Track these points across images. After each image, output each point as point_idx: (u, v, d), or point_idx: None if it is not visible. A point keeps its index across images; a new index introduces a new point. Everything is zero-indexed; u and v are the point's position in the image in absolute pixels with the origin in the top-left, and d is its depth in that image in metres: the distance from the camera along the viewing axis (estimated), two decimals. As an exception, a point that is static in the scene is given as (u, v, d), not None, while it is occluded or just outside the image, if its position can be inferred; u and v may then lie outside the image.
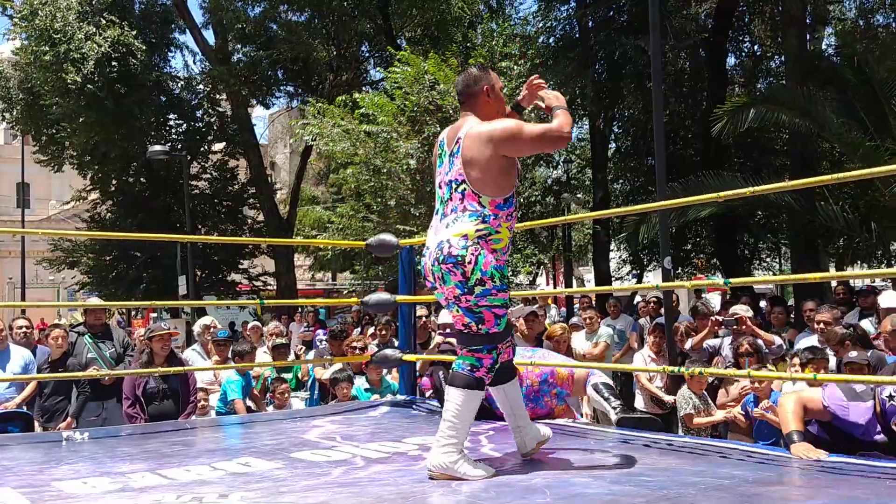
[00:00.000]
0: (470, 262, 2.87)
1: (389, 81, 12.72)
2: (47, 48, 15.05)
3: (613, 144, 17.53)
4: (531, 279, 15.86)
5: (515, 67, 13.05)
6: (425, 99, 12.03)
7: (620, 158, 17.22)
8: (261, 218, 20.60)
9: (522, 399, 3.35)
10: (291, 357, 7.92)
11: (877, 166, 3.66)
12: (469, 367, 2.98)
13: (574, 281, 23.69)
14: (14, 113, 17.92)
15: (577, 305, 13.71)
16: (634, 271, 17.96)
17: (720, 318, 6.39)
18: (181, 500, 2.66)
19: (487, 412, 4.72)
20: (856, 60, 10.77)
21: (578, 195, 18.89)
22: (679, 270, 15.33)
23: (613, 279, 17.17)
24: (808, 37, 13.12)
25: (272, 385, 6.25)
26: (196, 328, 6.51)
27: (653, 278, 17.50)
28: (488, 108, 3.09)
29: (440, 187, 3.06)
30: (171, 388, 5.35)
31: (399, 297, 5.36)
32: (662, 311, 8.72)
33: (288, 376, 6.80)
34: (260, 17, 17.95)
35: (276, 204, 20.70)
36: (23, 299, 24.85)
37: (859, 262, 13.61)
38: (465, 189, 2.95)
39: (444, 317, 6.66)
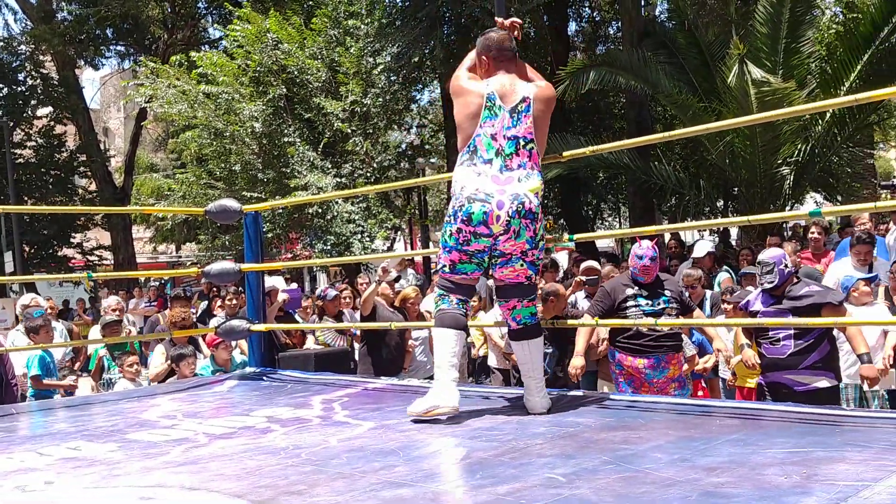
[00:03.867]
0: (539, 220, 3.15)
1: (229, 40, 12.14)
2: None
3: (463, 108, 17.65)
4: (389, 245, 15.83)
5: (363, 27, 12.81)
6: (269, 59, 11.58)
7: (471, 122, 17.39)
8: (93, 187, 19.26)
9: None
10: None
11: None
12: (534, 316, 3.27)
13: (431, 245, 23.90)
14: None
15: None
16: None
17: (582, 279, 6.54)
18: (2, 488, 2.41)
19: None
20: (686, 25, 11.39)
21: (433, 160, 18.96)
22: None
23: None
24: (642, 3, 13.73)
25: (118, 359, 5.84)
26: (17, 308, 5.95)
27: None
28: (522, 68, 3.32)
29: (495, 139, 3.14)
30: None
31: (244, 266, 5.13)
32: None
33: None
34: (83, -29, 16.56)
35: (111, 172, 19.40)
36: None
37: (689, 218, 14.59)
38: (532, 148, 3.16)
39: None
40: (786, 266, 4.61)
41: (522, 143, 3.15)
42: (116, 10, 16.23)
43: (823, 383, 4.49)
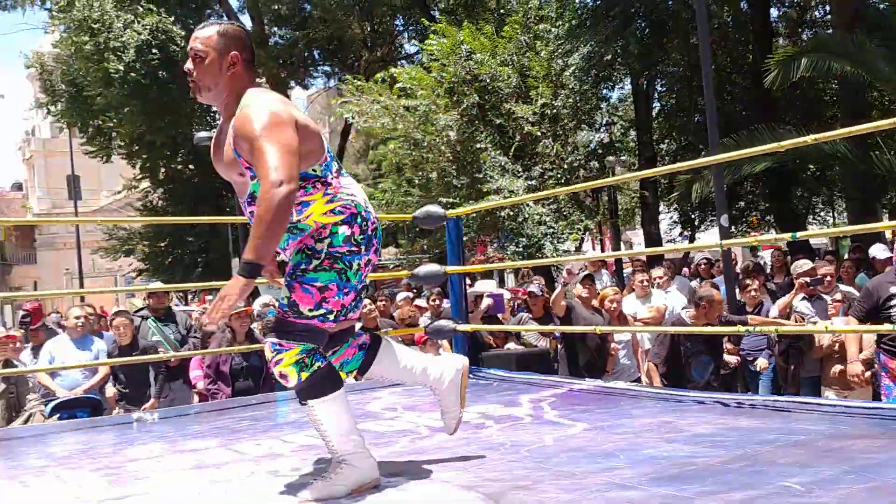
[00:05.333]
0: None
1: (425, 54, 12.66)
2: (87, 38, 15.28)
3: (657, 104, 17.17)
4: (577, 246, 15.73)
5: (553, 30, 12.84)
6: (462, 69, 11.94)
7: (665, 118, 16.86)
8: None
9: None
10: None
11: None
12: None
13: (622, 246, 23.44)
14: (59, 105, 18.28)
15: (628, 269, 13.56)
16: (685, 233, 17.66)
17: (807, 280, 6.11)
18: (255, 474, 2.71)
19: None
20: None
21: (623, 157, 18.58)
22: (733, 229, 15.03)
23: (665, 241, 16.92)
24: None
25: None
26: (256, 307, 6.59)
27: (705, 239, 17.18)
28: None
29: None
30: (253, 366, 5.43)
31: (449, 268, 5.34)
32: (713, 272, 8.61)
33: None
34: (294, -2, 17.99)
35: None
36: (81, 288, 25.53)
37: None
38: None
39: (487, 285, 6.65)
40: None
41: None
42: (323, 32, 17.47)
43: None
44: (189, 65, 2.40)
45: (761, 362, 5.96)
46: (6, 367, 4.81)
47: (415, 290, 11.86)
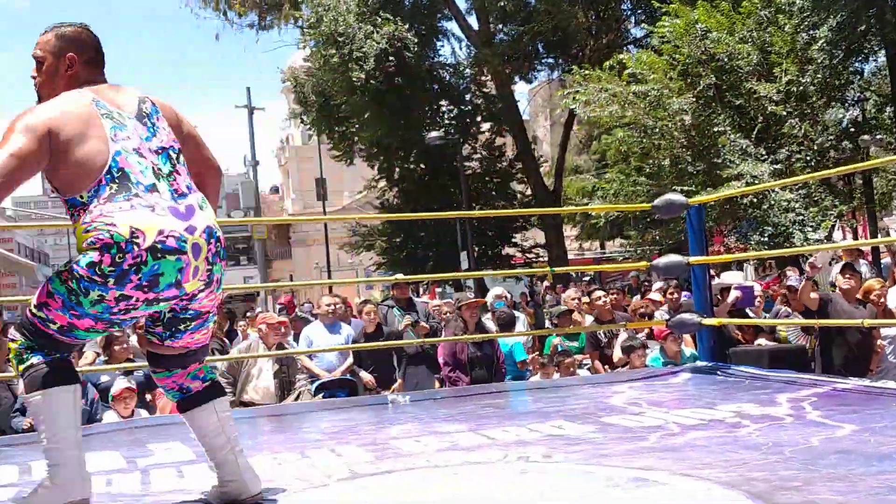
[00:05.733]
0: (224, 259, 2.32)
1: (656, 37, 12.22)
2: (334, 51, 16.59)
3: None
4: (827, 234, 14.37)
5: (797, 2, 11.83)
6: (697, 49, 11.39)
7: (927, 91, 14.83)
8: (529, 192, 21.01)
9: None
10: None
11: None
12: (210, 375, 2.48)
13: (879, 234, 21.04)
14: (310, 115, 20.05)
15: (886, 259, 12.18)
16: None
17: None
18: (508, 458, 2.80)
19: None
20: None
21: (879, 136, 16.66)
22: None
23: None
24: None
25: (557, 357, 6.30)
26: (489, 298, 6.84)
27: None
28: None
29: (142, 155, 2.18)
30: (486, 356, 5.64)
31: (692, 259, 5.14)
32: None
33: (574, 345, 6.83)
34: (520, -7, 18.18)
35: (542, 176, 20.96)
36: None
37: None
38: (184, 162, 2.31)
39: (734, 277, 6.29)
40: None
41: (174, 154, 2.26)
42: (547, 24, 17.50)
43: None
44: (32, 72, 2.33)
45: None
46: (279, 350, 5.39)
47: (644, 283, 11.56)
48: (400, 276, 10.47)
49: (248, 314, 8.67)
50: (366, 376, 6.07)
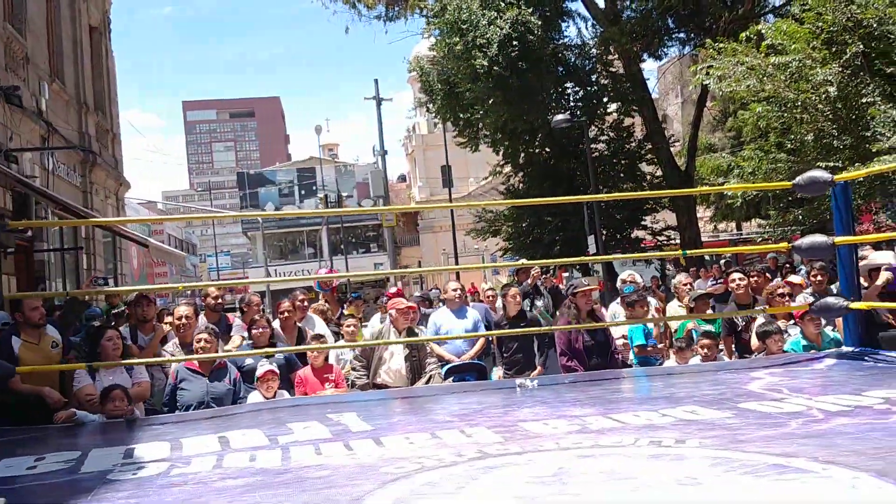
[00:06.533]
0: None
1: (796, 4, 11.48)
2: (457, 39, 16.67)
3: None
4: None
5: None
6: (843, 16, 10.60)
7: None
8: (659, 173, 20.36)
9: None
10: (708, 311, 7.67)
11: None
12: None
13: None
14: (436, 103, 20.28)
15: None
16: None
17: None
18: (639, 442, 2.76)
19: None
20: None
21: None
22: None
23: None
24: None
25: (694, 340, 6.11)
26: (619, 283, 6.71)
27: None
28: None
29: None
30: (599, 343, 5.55)
31: (837, 239, 4.83)
32: None
33: (708, 328, 6.59)
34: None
35: (673, 156, 20.23)
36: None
37: None
38: None
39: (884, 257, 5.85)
40: None
41: None
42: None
43: None
44: None
45: None
46: (409, 335, 5.52)
47: (786, 265, 10.94)
48: (524, 260, 10.43)
49: (379, 300, 8.94)
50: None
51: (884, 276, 5.28)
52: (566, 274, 20.32)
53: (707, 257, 21.07)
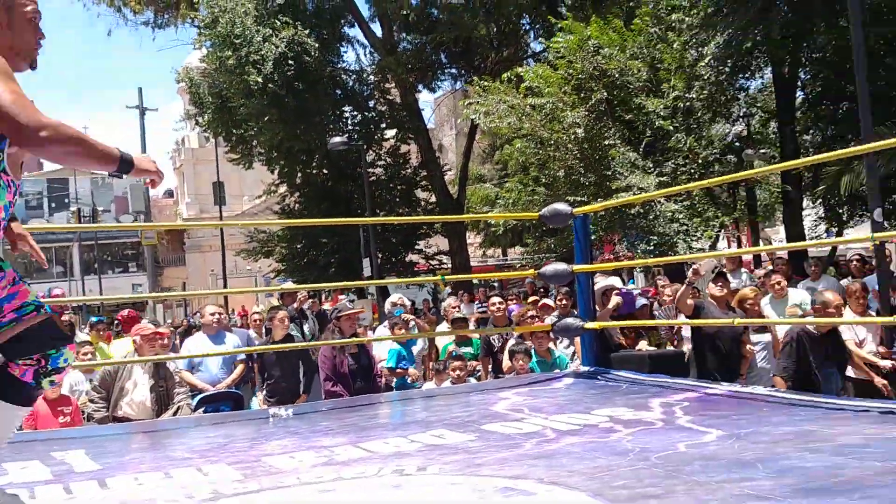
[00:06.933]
0: None
1: (552, 51, 12.51)
2: (230, 53, 16.15)
3: (801, 92, 16.12)
4: (712, 244, 15.02)
5: (686, 19, 12.36)
6: (590, 65, 11.71)
7: (810, 106, 15.81)
8: (433, 199, 21.09)
9: None
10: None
11: None
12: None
13: (761, 244, 22.23)
14: (206, 117, 19.45)
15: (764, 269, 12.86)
16: (832, 229, 16.52)
17: None
18: (382, 472, 2.74)
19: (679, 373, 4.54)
20: None
21: (762, 150, 17.62)
22: (886, 224, 13.91)
23: (809, 239, 15.90)
24: None
25: (447, 363, 6.30)
26: (387, 305, 6.79)
27: (854, 235, 16.00)
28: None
29: None
30: (363, 367, 5.56)
31: (576, 267, 5.25)
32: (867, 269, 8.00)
33: (468, 350, 6.87)
34: (421, 3, 18.26)
35: (446, 184, 21.09)
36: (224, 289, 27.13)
37: None
38: None
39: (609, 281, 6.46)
40: None
41: None
42: (450, 35, 17.64)
43: None
44: None
45: None
46: (157, 365, 5.13)
47: (542, 290, 11.77)
48: (290, 284, 10.25)
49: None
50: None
51: (614, 300, 5.82)
52: (342, 296, 20.28)
53: (476, 282, 22.12)
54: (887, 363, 5.53)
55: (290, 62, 16.21)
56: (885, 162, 9.26)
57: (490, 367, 6.47)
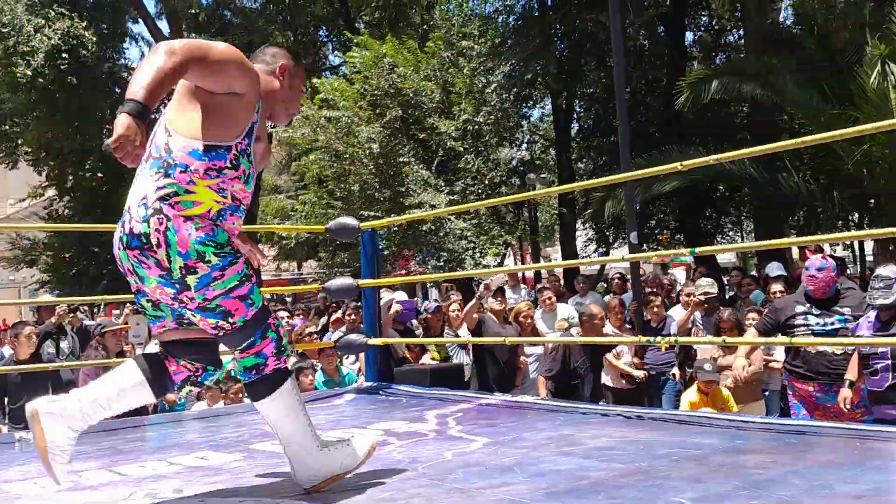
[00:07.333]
0: (160, 245, 2.08)
1: (348, 66, 12.56)
2: (-4, 42, 14.58)
3: (576, 123, 17.52)
4: (499, 261, 15.82)
5: (476, 47, 12.96)
6: (385, 82, 11.90)
7: (584, 137, 17.22)
8: (223, 208, 20.27)
9: None
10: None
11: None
12: (255, 370, 2.32)
13: (541, 261, 23.74)
14: (-38, 110, 17.34)
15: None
16: (600, 249, 18.03)
17: (701, 298, 6.32)
18: (134, 496, 2.53)
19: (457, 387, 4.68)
20: (815, 30, 10.81)
21: (543, 175, 18.88)
22: (644, 246, 15.42)
23: (580, 258, 17.22)
24: (771, 5, 13.15)
25: (223, 384, 6.01)
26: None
27: (614, 256, 17.58)
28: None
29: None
30: None
31: (361, 282, 5.24)
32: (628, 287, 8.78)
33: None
34: (213, 4, 17.60)
35: (239, 194, 20.38)
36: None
37: (820, 233, 13.77)
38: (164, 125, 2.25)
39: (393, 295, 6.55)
40: None
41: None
42: (243, 39, 17.12)
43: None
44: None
45: (676, 372, 6.10)
46: None
47: (334, 305, 11.69)
48: (48, 297, 9.38)
49: None
50: None
51: (394, 307, 5.88)
52: (116, 310, 18.81)
53: (269, 296, 21.49)
54: (640, 373, 6.07)
55: (65, 56, 14.90)
56: (641, 191, 10.26)
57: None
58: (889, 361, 4.06)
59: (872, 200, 10.47)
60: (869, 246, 15.90)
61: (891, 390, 4.06)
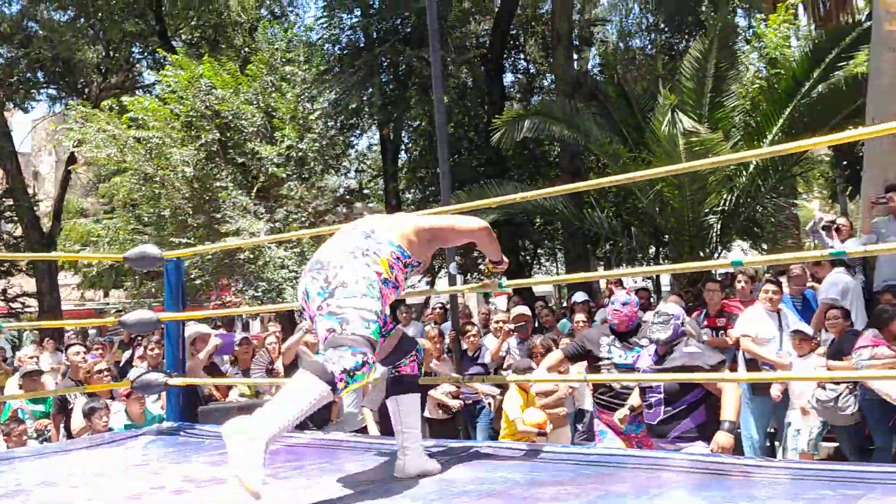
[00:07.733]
0: (331, 265, 2.91)
1: (162, 85, 11.93)
2: None
3: (404, 154, 17.75)
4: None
5: (300, 73, 12.79)
6: (202, 104, 11.41)
7: (410, 168, 17.47)
8: (19, 232, 18.50)
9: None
10: (49, 387, 7.05)
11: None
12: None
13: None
14: None
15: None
16: (426, 279, 18.29)
17: (511, 327, 6.55)
18: None
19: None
20: (616, 79, 11.70)
21: (371, 204, 18.90)
22: (468, 277, 15.82)
23: (407, 287, 17.37)
24: (574, 56, 14.11)
25: (7, 425, 5.41)
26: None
27: (440, 285, 17.90)
28: None
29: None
30: None
31: (163, 315, 4.89)
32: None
33: (39, 409, 6.02)
34: (18, 15, 16.21)
35: (38, 217, 18.67)
36: None
37: (624, 264, 14.84)
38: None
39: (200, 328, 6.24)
40: (682, 323, 4.42)
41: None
42: (48, 52, 15.85)
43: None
44: None
45: (491, 402, 6.24)
46: None
47: (140, 337, 10.91)
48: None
49: None
50: None
51: (213, 341, 5.55)
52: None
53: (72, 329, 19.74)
54: (457, 402, 6.15)
55: None
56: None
57: (63, 426, 5.72)
58: (661, 395, 4.30)
59: (666, 236, 11.40)
60: (665, 279, 17.33)
61: (663, 424, 4.30)
